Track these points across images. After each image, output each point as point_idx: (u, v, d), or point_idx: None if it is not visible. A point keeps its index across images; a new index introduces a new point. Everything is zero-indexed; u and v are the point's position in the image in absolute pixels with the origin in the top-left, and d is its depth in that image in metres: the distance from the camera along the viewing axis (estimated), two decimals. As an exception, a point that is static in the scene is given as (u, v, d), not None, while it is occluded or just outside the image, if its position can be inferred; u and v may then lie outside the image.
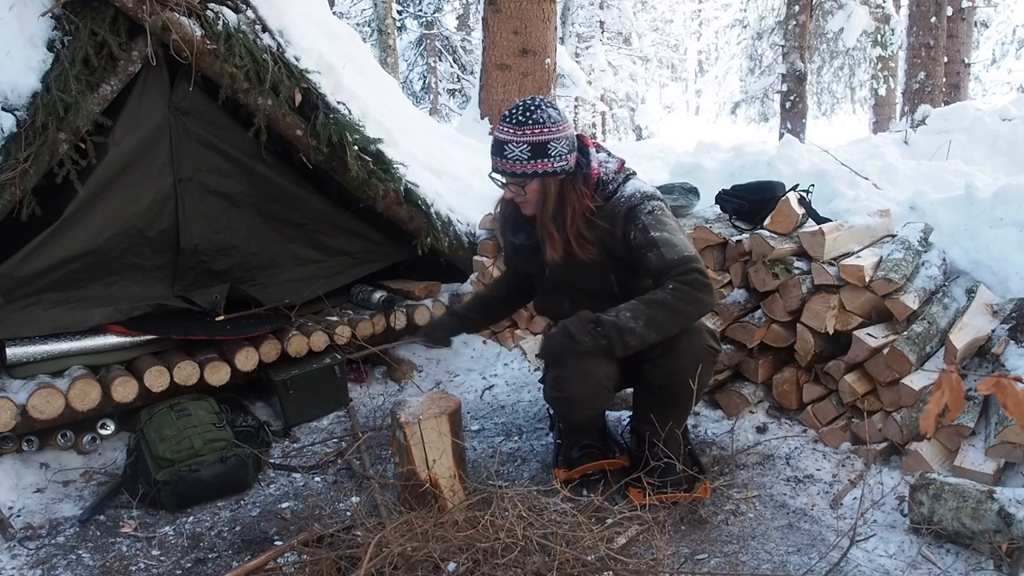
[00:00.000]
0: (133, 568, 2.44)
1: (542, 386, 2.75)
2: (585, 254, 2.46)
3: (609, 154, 2.60)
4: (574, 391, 2.50)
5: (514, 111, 2.41)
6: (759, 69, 16.56)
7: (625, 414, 3.29)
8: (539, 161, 2.37)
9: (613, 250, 2.50)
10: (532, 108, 2.40)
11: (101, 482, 2.98)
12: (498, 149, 2.41)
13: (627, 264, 2.51)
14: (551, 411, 3.11)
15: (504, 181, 2.48)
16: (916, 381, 2.75)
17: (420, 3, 19.96)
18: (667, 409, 2.54)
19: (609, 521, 2.35)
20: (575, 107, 21.16)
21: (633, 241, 2.45)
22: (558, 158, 2.40)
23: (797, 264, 3.13)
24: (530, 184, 2.42)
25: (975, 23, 12.52)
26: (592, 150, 2.54)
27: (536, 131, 2.37)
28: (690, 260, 2.36)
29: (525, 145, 2.36)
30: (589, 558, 2.08)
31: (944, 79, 10.45)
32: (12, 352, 2.98)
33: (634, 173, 2.61)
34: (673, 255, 2.36)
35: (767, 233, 3.20)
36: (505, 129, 2.40)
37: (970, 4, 10.83)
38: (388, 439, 2.83)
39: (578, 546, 2.09)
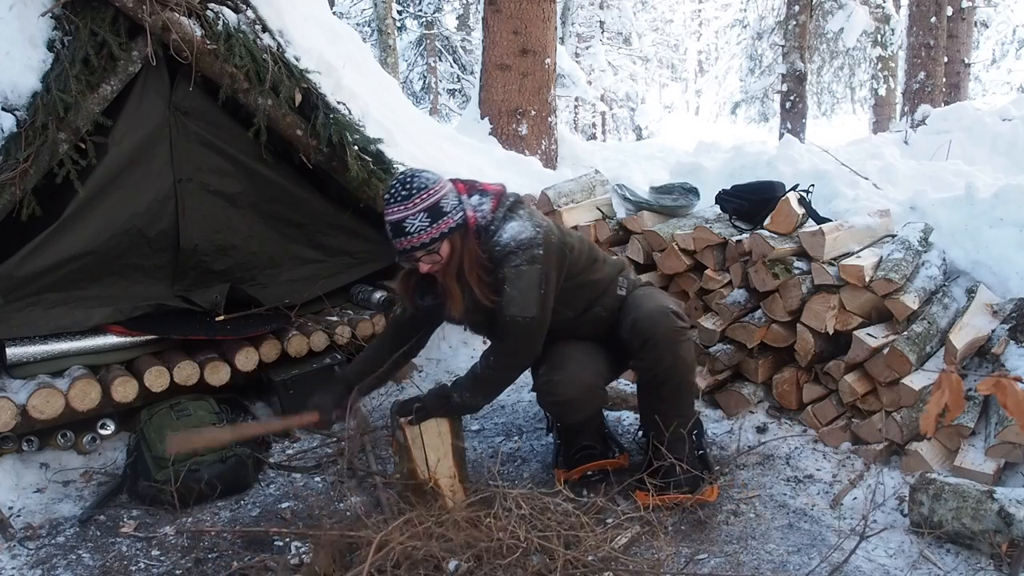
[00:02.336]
0: (133, 568, 2.44)
1: (535, 392, 2.75)
2: (487, 300, 2.44)
3: (482, 193, 2.51)
4: (568, 393, 2.54)
5: (393, 191, 2.37)
6: (759, 69, 16.57)
7: (625, 414, 3.29)
8: (440, 222, 2.35)
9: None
10: (408, 179, 2.38)
11: (101, 482, 2.97)
12: (399, 230, 2.36)
13: None
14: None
15: (418, 258, 2.43)
16: (916, 381, 2.75)
17: (420, 3, 19.96)
18: (666, 402, 2.57)
19: (610, 521, 2.35)
20: (575, 107, 21.19)
21: (499, 287, 2.46)
22: (454, 212, 2.39)
23: (797, 264, 3.13)
24: (441, 248, 2.40)
25: (975, 23, 12.53)
26: (464, 196, 2.49)
27: (424, 196, 2.34)
28: (513, 324, 2.42)
29: (422, 214, 2.34)
30: (590, 558, 2.08)
31: (944, 79, 10.46)
32: (12, 352, 2.98)
33: (515, 204, 2.51)
34: (507, 311, 2.42)
35: (767, 233, 3.20)
36: (396, 209, 2.35)
37: (970, 4, 10.84)
38: (388, 439, 2.83)
39: (580, 547, 2.09)
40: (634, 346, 2.56)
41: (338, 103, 3.52)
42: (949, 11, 10.29)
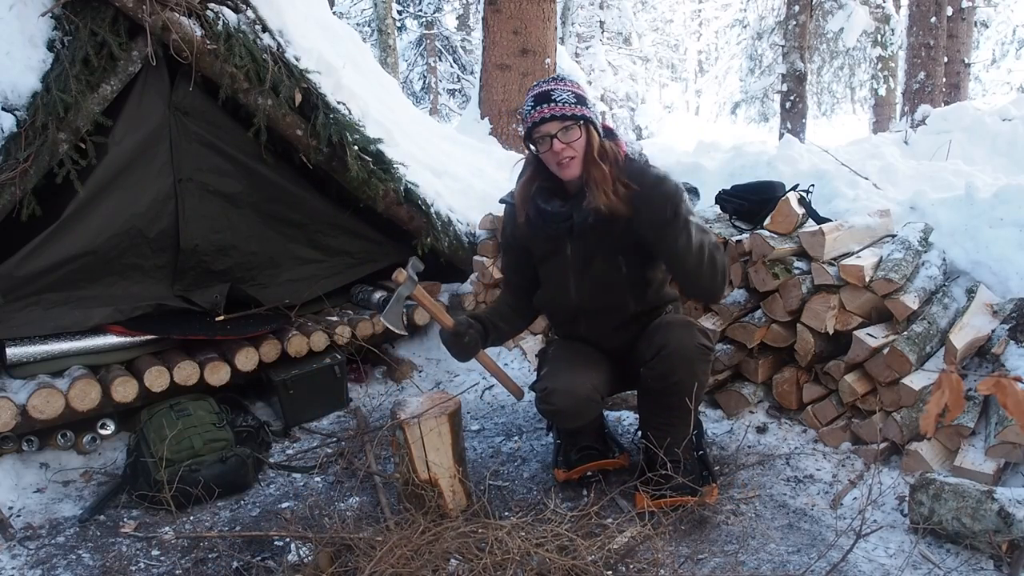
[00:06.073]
0: (133, 568, 2.44)
1: (534, 393, 2.74)
2: (620, 206, 2.42)
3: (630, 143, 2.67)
4: (562, 404, 2.53)
5: (546, 78, 2.59)
6: (759, 69, 16.57)
7: (625, 414, 3.29)
8: (584, 107, 2.43)
9: (632, 224, 2.47)
10: (562, 76, 2.56)
11: (101, 482, 2.98)
12: (545, 97, 2.43)
13: (634, 246, 2.49)
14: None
15: (552, 133, 2.41)
16: (916, 381, 2.75)
17: (420, 3, 19.97)
18: (668, 413, 2.52)
19: (609, 521, 2.35)
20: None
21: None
22: (593, 111, 2.48)
23: (797, 264, 3.13)
24: (581, 131, 2.42)
25: (975, 23, 12.50)
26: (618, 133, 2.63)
27: (576, 86, 2.48)
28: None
29: (569, 93, 2.43)
30: (589, 558, 2.08)
31: (944, 79, 10.45)
32: (12, 352, 2.98)
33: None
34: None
35: (767, 233, 3.20)
36: (547, 82, 2.49)
37: (970, 4, 10.82)
38: (388, 439, 2.83)
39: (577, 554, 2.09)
40: (648, 353, 2.48)
41: (338, 103, 3.52)
42: (949, 11, 10.28)
